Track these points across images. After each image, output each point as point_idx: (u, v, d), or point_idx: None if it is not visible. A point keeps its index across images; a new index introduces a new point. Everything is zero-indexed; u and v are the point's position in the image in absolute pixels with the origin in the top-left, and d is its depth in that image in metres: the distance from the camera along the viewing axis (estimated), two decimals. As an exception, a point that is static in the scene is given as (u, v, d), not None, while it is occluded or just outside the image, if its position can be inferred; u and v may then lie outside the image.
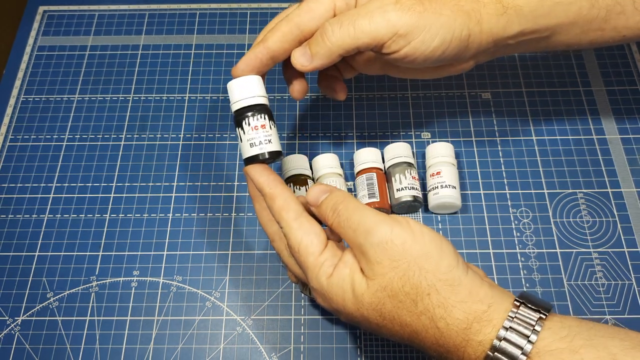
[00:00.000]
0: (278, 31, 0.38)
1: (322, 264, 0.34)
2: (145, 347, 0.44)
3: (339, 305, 0.34)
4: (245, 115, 0.38)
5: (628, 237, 0.48)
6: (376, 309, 0.32)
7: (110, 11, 0.62)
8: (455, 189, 0.48)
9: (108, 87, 0.57)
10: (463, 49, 0.38)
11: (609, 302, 0.45)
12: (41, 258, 0.48)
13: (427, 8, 0.36)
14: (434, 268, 0.32)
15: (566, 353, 0.29)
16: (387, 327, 0.33)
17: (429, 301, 0.31)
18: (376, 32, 0.36)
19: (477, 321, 0.31)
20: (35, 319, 0.46)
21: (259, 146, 0.38)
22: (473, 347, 0.31)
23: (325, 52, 0.37)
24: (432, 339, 0.32)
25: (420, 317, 0.32)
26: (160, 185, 0.52)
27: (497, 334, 0.30)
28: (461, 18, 0.37)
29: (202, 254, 0.48)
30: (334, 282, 0.33)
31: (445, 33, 0.37)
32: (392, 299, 0.32)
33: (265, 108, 0.38)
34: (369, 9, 0.37)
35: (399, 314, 0.32)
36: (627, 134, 0.53)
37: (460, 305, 0.31)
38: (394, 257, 0.32)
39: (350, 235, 0.34)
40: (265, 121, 0.38)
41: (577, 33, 0.40)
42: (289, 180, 0.48)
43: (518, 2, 0.38)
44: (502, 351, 0.30)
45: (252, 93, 0.38)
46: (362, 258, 0.33)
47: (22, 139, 0.55)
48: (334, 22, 0.37)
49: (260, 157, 0.38)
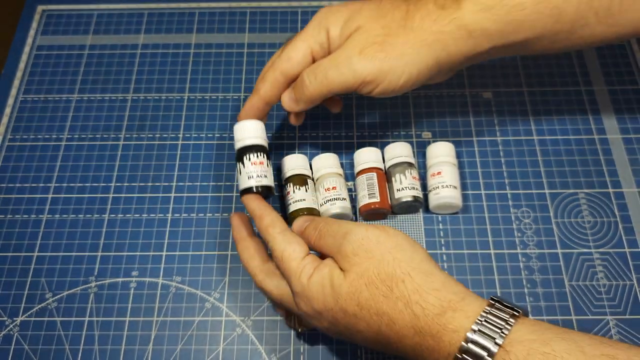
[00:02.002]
0: (267, 81, 0.44)
1: (304, 267, 0.36)
2: (144, 348, 0.44)
3: (319, 302, 0.35)
4: (247, 152, 0.43)
5: (629, 238, 0.48)
6: (353, 297, 0.34)
7: (109, 10, 0.62)
8: (456, 189, 0.48)
9: (107, 87, 0.57)
10: (434, 73, 0.42)
11: (610, 303, 0.45)
12: (40, 258, 0.48)
13: (388, 53, 0.40)
14: (408, 258, 0.34)
15: (537, 344, 0.30)
16: (364, 319, 0.34)
17: (404, 287, 0.33)
18: (345, 81, 0.40)
19: (452, 310, 0.32)
20: (34, 320, 0.46)
21: (255, 179, 0.42)
22: (448, 334, 0.32)
23: (306, 99, 0.43)
24: (409, 325, 0.33)
25: (397, 303, 0.33)
26: (159, 185, 0.52)
27: (471, 326, 0.31)
28: (425, 50, 0.40)
29: (202, 254, 0.48)
30: (315, 280, 0.36)
31: (410, 70, 0.40)
32: (369, 287, 0.34)
33: (264, 149, 0.44)
34: (337, 61, 0.41)
35: (375, 300, 0.33)
36: (629, 133, 0.53)
37: (434, 292, 0.33)
38: (369, 248, 0.35)
39: (330, 242, 0.37)
40: (263, 159, 0.43)
41: (546, 43, 0.42)
42: (288, 180, 0.48)
43: (483, 25, 0.40)
44: (475, 342, 0.31)
45: (255, 134, 0.43)
46: (340, 257, 0.36)
47: (20, 138, 0.54)
48: (310, 73, 0.42)
49: (255, 189, 0.42)
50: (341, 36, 0.42)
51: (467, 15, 0.40)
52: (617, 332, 0.44)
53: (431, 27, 0.40)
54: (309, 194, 0.47)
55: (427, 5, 0.41)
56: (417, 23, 0.40)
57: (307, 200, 0.47)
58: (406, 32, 0.40)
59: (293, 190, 0.47)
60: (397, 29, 0.40)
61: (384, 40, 0.40)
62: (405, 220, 0.49)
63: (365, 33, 0.41)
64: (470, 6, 0.40)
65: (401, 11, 0.41)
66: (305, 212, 0.46)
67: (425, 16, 0.40)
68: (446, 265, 0.47)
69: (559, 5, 0.40)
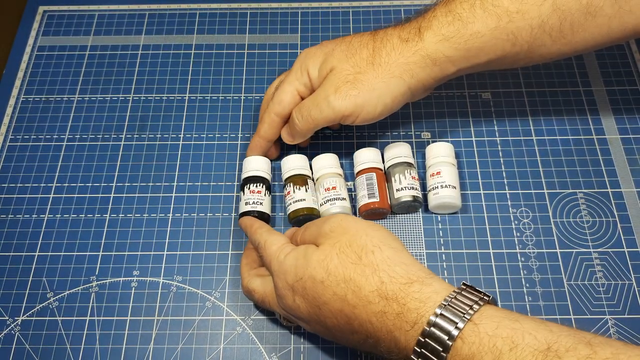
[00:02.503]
0: (265, 122, 0.49)
1: (283, 249, 0.39)
2: (145, 347, 0.44)
3: (291, 274, 0.37)
4: (248, 182, 0.48)
5: (628, 237, 0.48)
6: (323, 264, 0.36)
7: (110, 11, 0.62)
8: (455, 189, 0.48)
9: (108, 87, 0.57)
10: (408, 98, 0.45)
11: (609, 302, 0.45)
12: (41, 258, 0.48)
13: (360, 90, 0.43)
14: (380, 235, 0.37)
15: (506, 320, 0.31)
16: (331, 287, 0.35)
17: (373, 257, 0.35)
18: (327, 117, 0.45)
19: (420, 283, 0.34)
20: (35, 319, 0.46)
21: (252, 205, 0.47)
22: (414, 303, 0.33)
23: (299, 134, 0.47)
24: (375, 291, 0.34)
25: (364, 269, 0.35)
26: (160, 185, 0.52)
27: (441, 301, 0.32)
28: (394, 81, 0.43)
29: (202, 254, 0.48)
30: (291, 255, 0.38)
31: (384, 100, 0.44)
32: (339, 255, 0.36)
33: (264, 180, 0.49)
34: (317, 101, 0.45)
35: (344, 266, 0.35)
36: (627, 133, 0.53)
37: (403, 265, 0.35)
38: (346, 226, 0.38)
39: (312, 229, 0.40)
40: (261, 189, 0.48)
41: (509, 62, 0.45)
42: (289, 180, 0.48)
43: (445, 53, 0.43)
44: (443, 316, 0.32)
45: (257, 168, 0.49)
46: (319, 238, 0.38)
47: (22, 139, 0.55)
48: (297, 113, 0.46)
49: (251, 214, 0.47)
50: (319, 76, 0.46)
51: (429, 46, 0.43)
52: (615, 331, 0.44)
53: (397, 59, 0.43)
54: (309, 194, 0.48)
55: (392, 40, 0.44)
56: (384, 58, 0.44)
57: (307, 200, 0.47)
58: (374, 68, 0.44)
59: (293, 190, 0.48)
60: (366, 66, 0.44)
61: (355, 78, 0.44)
62: (405, 220, 0.49)
63: (338, 74, 0.44)
64: (431, 37, 0.43)
65: (368, 49, 0.45)
66: (305, 212, 0.47)
67: (391, 51, 0.44)
68: (445, 265, 0.47)
69: (514, 32, 0.42)
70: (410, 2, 0.62)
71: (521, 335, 0.30)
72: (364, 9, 0.62)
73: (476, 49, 0.43)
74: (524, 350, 0.30)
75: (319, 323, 0.37)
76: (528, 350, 0.30)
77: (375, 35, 0.45)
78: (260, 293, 0.41)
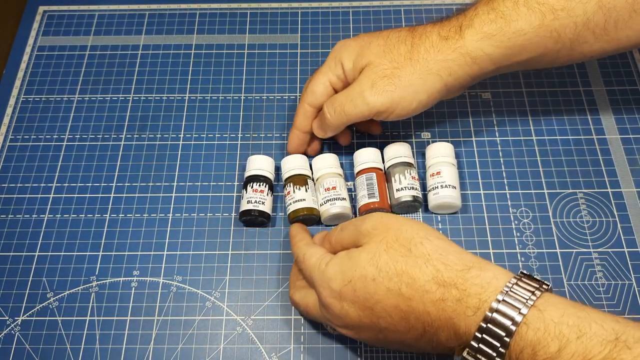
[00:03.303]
0: (299, 114, 0.49)
1: (322, 259, 0.39)
2: (145, 347, 0.44)
3: (337, 279, 0.36)
4: (251, 181, 0.48)
5: (628, 237, 0.48)
6: (372, 262, 0.35)
7: (110, 11, 0.63)
8: (455, 189, 0.48)
9: (108, 87, 0.57)
10: (443, 95, 0.45)
11: (609, 302, 0.45)
12: (41, 258, 0.48)
13: (397, 86, 0.43)
14: (425, 228, 0.37)
15: (571, 309, 0.31)
16: (383, 283, 0.34)
17: (423, 248, 0.35)
18: (360, 113, 0.44)
19: (477, 268, 0.33)
20: (35, 319, 0.46)
21: (254, 204, 0.47)
22: (475, 288, 0.32)
23: (330, 128, 0.47)
24: (431, 280, 0.33)
25: (417, 260, 0.34)
26: (160, 185, 0.52)
27: (502, 287, 0.32)
28: (432, 78, 0.43)
29: (202, 254, 0.48)
30: (334, 262, 0.37)
31: (420, 97, 0.44)
32: (388, 250, 0.35)
33: (267, 180, 0.49)
34: (352, 96, 0.44)
35: (394, 260, 0.35)
36: (627, 133, 0.53)
37: (455, 254, 0.34)
38: (388, 223, 0.37)
39: (350, 229, 0.39)
40: (264, 188, 0.48)
41: (549, 60, 0.45)
42: (289, 180, 0.48)
43: (486, 51, 0.43)
44: (506, 302, 0.31)
45: (260, 167, 0.49)
46: (360, 237, 0.38)
47: (22, 139, 0.55)
48: (329, 107, 0.46)
49: (252, 212, 0.47)
50: (354, 69, 0.46)
51: (469, 44, 0.43)
52: (615, 331, 0.44)
53: (436, 57, 0.43)
54: (309, 194, 0.48)
55: (431, 37, 0.44)
56: (422, 55, 0.43)
57: (307, 200, 0.47)
58: (412, 64, 0.43)
59: (293, 190, 0.48)
60: (404, 62, 0.43)
61: (392, 74, 0.43)
62: (405, 220, 0.49)
63: (375, 68, 0.44)
64: (472, 36, 0.42)
65: (407, 45, 0.44)
66: (305, 212, 0.47)
67: (430, 48, 0.43)
68: (445, 265, 0.47)
69: (558, 29, 0.42)
70: (410, 2, 0.62)
71: (588, 324, 0.30)
72: (364, 9, 0.62)
73: (518, 47, 0.42)
74: (592, 340, 0.29)
75: (370, 327, 0.36)
76: (596, 339, 0.29)
77: (413, 32, 0.45)
78: (302, 305, 0.41)
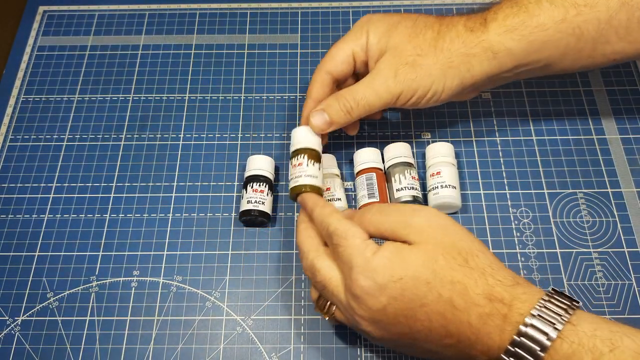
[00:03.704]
0: (316, 82, 0.47)
1: (368, 245, 0.37)
2: (145, 347, 0.44)
3: (384, 274, 0.35)
4: (252, 181, 0.48)
5: (628, 237, 0.48)
6: (428, 265, 0.35)
7: (110, 11, 0.62)
8: (455, 189, 0.48)
9: (108, 87, 0.57)
10: (457, 93, 0.45)
11: (609, 302, 0.45)
12: (41, 258, 0.48)
13: (418, 73, 0.43)
14: (477, 240, 0.37)
15: (603, 323, 0.32)
16: (436, 288, 0.34)
17: (479, 260, 0.35)
18: (385, 103, 0.45)
19: (523, 285, 0.34)
20: (35, 319, 0.46)
21: (254, 204, 0.47)
22: (520, 304, 0.33)
23: (345, 122, 0.45)
24: (482, 294, 0.34)
25: (472, 272, 0.35)
26: (160, 185, 0.52)
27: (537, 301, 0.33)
28: (451, 72, 0.43)
29: (202, 254, 0.48)
30: (380, 254, 0.36)
31: (436, 87, 0.44)
32: (445, 256, 0.35)
33: (267, 180, 0.48)
34: (374, 85, 0.44)
35: (451, 268, 0.35)
36: (627, 133, 0.53)
37: (505, 270, 0.36)
38: (444, 225, 0.37)
39: (395, 216, 0.38)
40: (264, 188, 0.48)
41: (569, 62, 0.44)
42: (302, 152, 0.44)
43: (508, 45, 0.42)
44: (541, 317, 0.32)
45: (260, 167, 0.49)
46: (409, 230, 0.37)
47: (22, 139, 0.55)
48: (349, 99, 0.45)
49: (252, 212, 0.47)
50: (378, 45, 0.45)
51: (492, 38, 0.43)
52: (615, 331, 0.44)
53: (459, 49, 0.43)
54: (320, 174, 0.44)
55: (457, 27, 0.44)
56: (447, 44, 0.43)
57: (318, 178, 0.44)
58: (436, 53, 0.43)
59: (307, 164, 0.44)
60: (428, 48, 0.44)
61: (414, 61, 0.44)
62: (405, 220, 0.49)
63: (398, 55, 0.44)
64: (495, 29, 0.43)
65: (433, 31, 0.44)
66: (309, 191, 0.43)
67: (455, 38, 0.43)
68: (445, 265, 0.47)
69: (580, 25, 0.42)
70: (410, 2, 0.62)
71: (620, 338, 0.31)
72: (364, 9, 0.62)
73: (539, 43, 0.42)
74: (624, 353, 0.30)
75: (402, 326, 0.36)
76: (628, 352, 0.30)
77: (441, 20, 0.45)
78: (325, 276, 0.38)
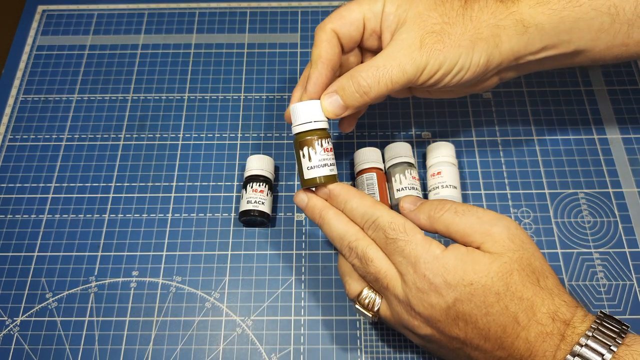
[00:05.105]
0: (322, 41, 0.41)
1: (432, 241, 0.36)
2: (145, 348, 0.44)
3: (456, 274, 0.35)
4: (251, 181, 0.48)
5: (629, 237, 0.48)
6: (503, 277, 0.34)
7: (109, 11, 0.62)
8: (456, 189, 0.48)
9: (107, 87, 0.57)
10: (481, 72, 0.41)
11: (610, 302, 0.45)
12: (40, 258, 0.48)
13: (446, 44, 0.39)
14: (546, 261, 0.37)
15: None
16: (504, 301, 0.34)
17: (549, 281, 0.36)
18: (409, 80, 0.39)
19: (580, 307, 0.35)
20: (34, 320, 0.46)
21: (254, 204, 0.47)
22: (578, 326, 0.34)
23: (361, 104, 0.40)
24: (547, 313, 0.34)
25: (542, 292, 0.35)
26: (159, 186, 0.52)
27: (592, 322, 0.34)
28: (479, 45, 0.39)
29: (202, 254, 0.48)
30: (452, 254, 0.35)
31: (462, 62, 0.40)
32: (520, 272, 0.35)
33: (267, 180, 0.48)
34: (399, 58, 0.39)
35: (524, 285, 0.35)
36: (629, 133, 0.53)
37: (567, 293, 0.36)
38: (523, 240, 0.36)
39: (472, 220, 0.36)
40: (264, 188, 0.48)
41: (602, 49, 0.41)
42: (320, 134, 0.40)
43: (539, 20, 0.40)
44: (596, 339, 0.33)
45: (260, 167, 0.49)
46: (487, 239, 0.36)
47: (21, 138, 0.54)
48: (370, 75, 0.39)
49: (252, 212, 0.47)
50: (396, 13, 0.40)
51: (524, 9, 0.40)
52: (616, 331, 0.44)
53: (489, 19, 0.40)
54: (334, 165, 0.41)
55: None
56: (476, 13, 0.40)
57: (334, 169, 0.40)
58: (464, 22, 0.39)
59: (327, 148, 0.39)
60: (456, 17, 0.40)
61: (442, 30, 0.39)
62: (405, 220, 0.49)
63: (423, 23, 0.39)
64: (527, 0, 0.40)
65: None
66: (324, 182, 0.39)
67: (484, 7, 0.40)
68: (446, 265, 0.47)
69: (617, 4, 0.39)
70: None
71: None
72: (364, 8, 0.62)
73: (571, 20, 0.40)
74: None
75: (457, 330, 0.35)
76: None
77: None
78: (379, 267, 0.37)
